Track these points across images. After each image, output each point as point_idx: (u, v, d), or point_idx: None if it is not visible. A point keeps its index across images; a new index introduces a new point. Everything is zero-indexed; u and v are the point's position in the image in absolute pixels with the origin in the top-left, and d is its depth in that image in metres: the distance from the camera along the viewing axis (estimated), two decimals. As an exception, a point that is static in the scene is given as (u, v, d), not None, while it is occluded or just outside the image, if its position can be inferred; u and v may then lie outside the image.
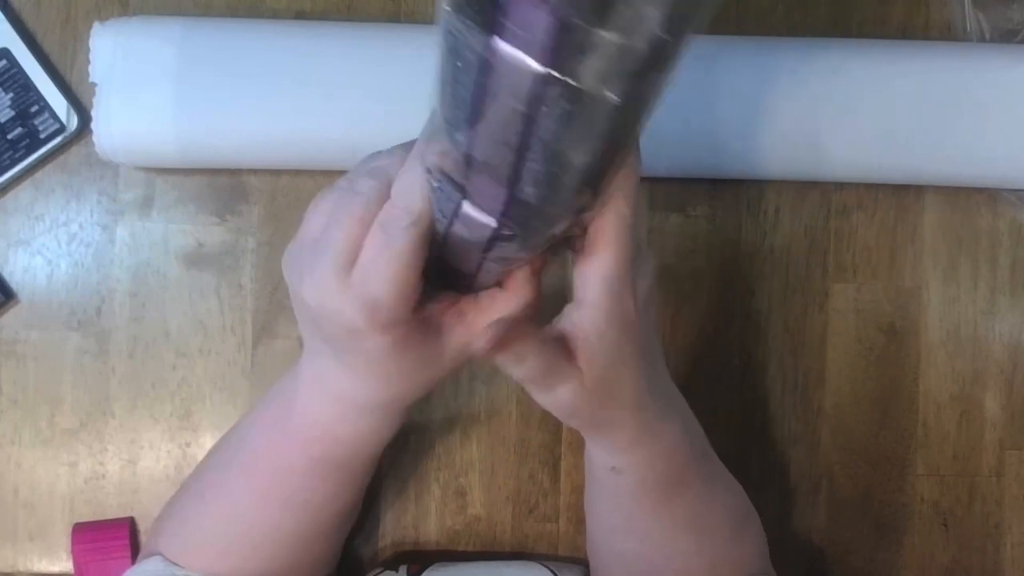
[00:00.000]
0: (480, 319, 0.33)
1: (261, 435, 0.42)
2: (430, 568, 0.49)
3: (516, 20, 0.23)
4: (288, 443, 0.40)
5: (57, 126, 0.51)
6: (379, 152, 0.34)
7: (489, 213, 0.30)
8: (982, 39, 0.54)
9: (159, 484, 0.52)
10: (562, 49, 0.23)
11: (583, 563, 0.53)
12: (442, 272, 0.33)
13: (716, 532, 0.44)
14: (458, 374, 0.53)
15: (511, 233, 0.30)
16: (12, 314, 0.52)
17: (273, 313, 0.53)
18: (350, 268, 0.31)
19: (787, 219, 0.55)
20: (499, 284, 0.34)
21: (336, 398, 0.37)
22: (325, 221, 0.32)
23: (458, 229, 0.31)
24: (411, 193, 0.30)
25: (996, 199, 0.55)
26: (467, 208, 0.30)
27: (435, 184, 0.30)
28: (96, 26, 0.49)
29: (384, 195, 0.31)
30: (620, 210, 0.31)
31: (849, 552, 0.55)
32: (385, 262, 0.30)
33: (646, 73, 0.25)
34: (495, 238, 0.30)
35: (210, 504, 0.43)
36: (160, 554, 0.43)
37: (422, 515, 0.53)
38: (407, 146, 0.33)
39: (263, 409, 0.42)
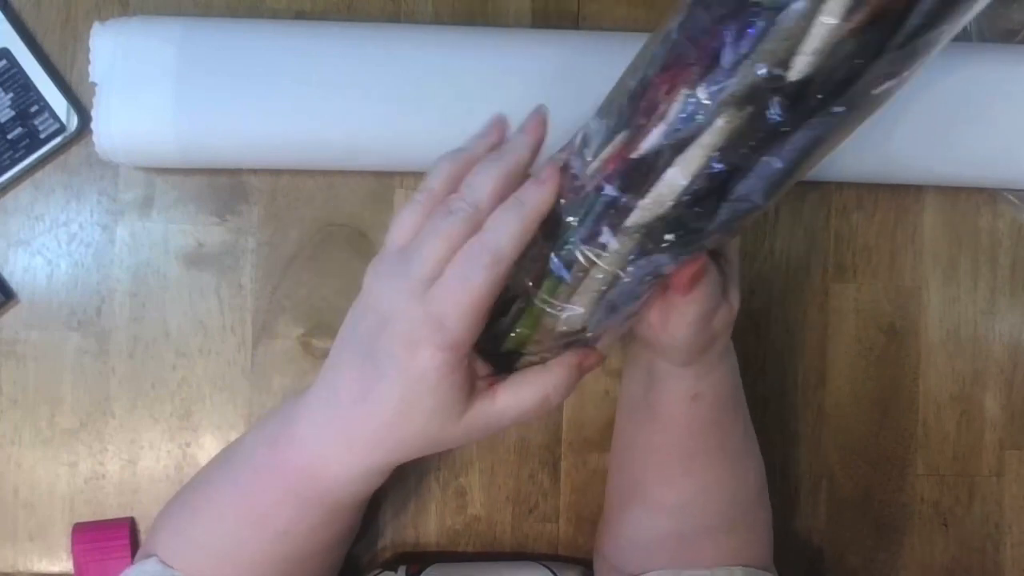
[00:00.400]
0: (505, 399, 0.35)
1: (251, 461, 0.41)
2: (429, 568, 0.49)
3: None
4: (275, 474, 0.39)
5: (57, 126, 0.51)
6: (463, 155, 0.35)
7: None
8: (982, 39, 0.54)
9: (159, 484, 0.52)
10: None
11: (583, 563, 0.53)
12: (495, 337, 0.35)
13: (752, 473, 0.46)
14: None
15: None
16: (12, 314, 0.52)
17: (273, 313, 0.53)
18: (430, 284, 0.32)
19: (787, 219, 0.55)
20: (543, 362, 0.36)
21: (341, 433, 0.36)
22: (414, 232, 0.34)
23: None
24: (503, 236, 0.31)
25: (996, 199, 0.55)
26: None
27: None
28: (96, 26, 0.49)
29: (476, 222, 0.33)
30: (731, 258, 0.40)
31: (849, 552, 0.55)
32: (461, 290, 0.31)
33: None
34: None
35: (201, 517, 0.42)
36: (156, 555, 0.43)
37: (422, 515, 0.53)
38: (499, 164, 0.34)
39: (259, 431, 0.42)
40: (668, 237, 0.31)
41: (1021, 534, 0.55)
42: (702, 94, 0.28)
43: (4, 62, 0.51)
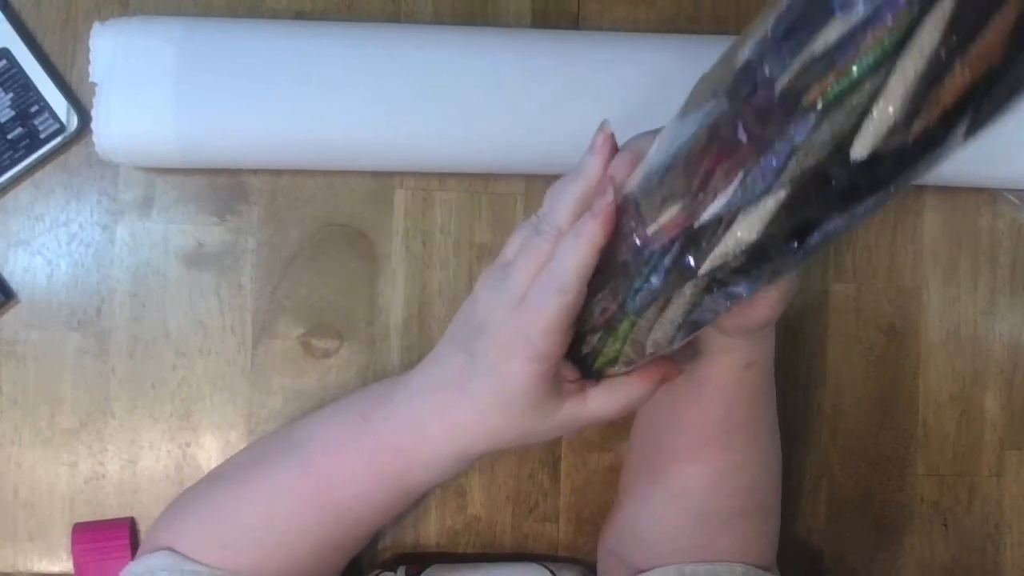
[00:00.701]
0: (594, 404, 0.38)
1: (325, 440, 0.42)
2: (429, 569, 0.50)
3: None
4: (359, 451, 0.41)
5: (57, 126, 0.51)
6: (569, 183, 0.36)
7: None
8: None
9: (159, 484, 0.52)
10: None
11: (583, 564, 0.53)
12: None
13: (776, 459, 0.47)
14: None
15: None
16: (12, 314, 0.52)
17: (273, 313, 0.53)
18: (523, 299, 0.35)
19: (787, 219, 0.55)
20: (628, 372, 0.38)
21: (438, 415, 0.39)
22: (516, 250, 0.37)
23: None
24: (565, 267, 0.34)
25: (996, 199, 0.55)
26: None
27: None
28: (96, 26, 0.49)
29: (557, 243, 0.35)
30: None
31: (849, 552, 0.55)
32: (540, 312, 0.34)
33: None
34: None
35: (246, 499, 0.43)
36: (170, 548, 0.43)
37: (421, 515, 0.53)
38: (572, 187, 0.36)
39: (341, 412, 0.43)
40: (739, 279, 0.32)
41: (1021, 534, 0.55)
42: (759, 174, 0.28)
43: (4, 62, 0.51)
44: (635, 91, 0.49)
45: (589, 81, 0.50)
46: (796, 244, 0.29)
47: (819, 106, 0.25)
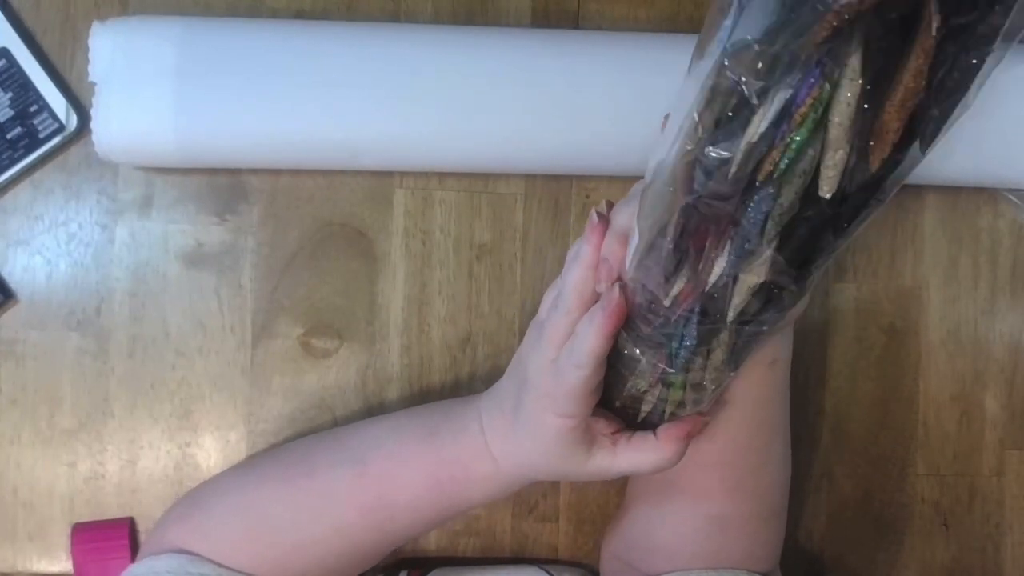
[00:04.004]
0: (624, 459, 0.40)
1: (401, 446, 0.44)
2: (431, 573, 0.50)
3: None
4: (426, 462, 0.43)
5: (56, 126, 0.51)
6: (571, 267, 0.39)
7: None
8: (982, 39, 0.54)
9: (158, 484, 0.52)
10: None
11: (583, 565, 0.53)
12: (615, 389, 0.40)
13: (790, 458, 0.48)
14: (459, 373, 0.53)
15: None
16: (11, 314, 0.52)
17: (273, 313, 0.53)
18: (556, 355, 0.38)
19: (787, 219, 0.55)
20: (655, 430, 0.40)
21: (503, 437, 0.42)
22: (548, 308, 0.40)
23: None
24: (583, 346, 0.36)
25: (996, 199, 0.55)
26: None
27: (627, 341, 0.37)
28: (95, 25, 0.49)
29: (571, 319, 0.38)
30: None
31: (849, 552, 0.55)
32: (565, 380, 0.38)
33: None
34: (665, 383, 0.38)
35: (288, 500, 0.44)
36: (178, 549, 0.43)
37: (422, 515, 0.53)
38: (573, 272, 0.38)
39: (407, 425, 0.45)
40: (766, 309, 0.34)
41: (1021, 534, 0.55)
42: (742, 241, 0.30)
43: (3, 61, 0.51)
44: (635, 91, 0.49)
45: (589, 81, 0.50)
46: (806, 271, 0.31)
47: (774, 177, 0.28)
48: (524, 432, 0.40)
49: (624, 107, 0.49)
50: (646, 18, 0.55)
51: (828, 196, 0.28)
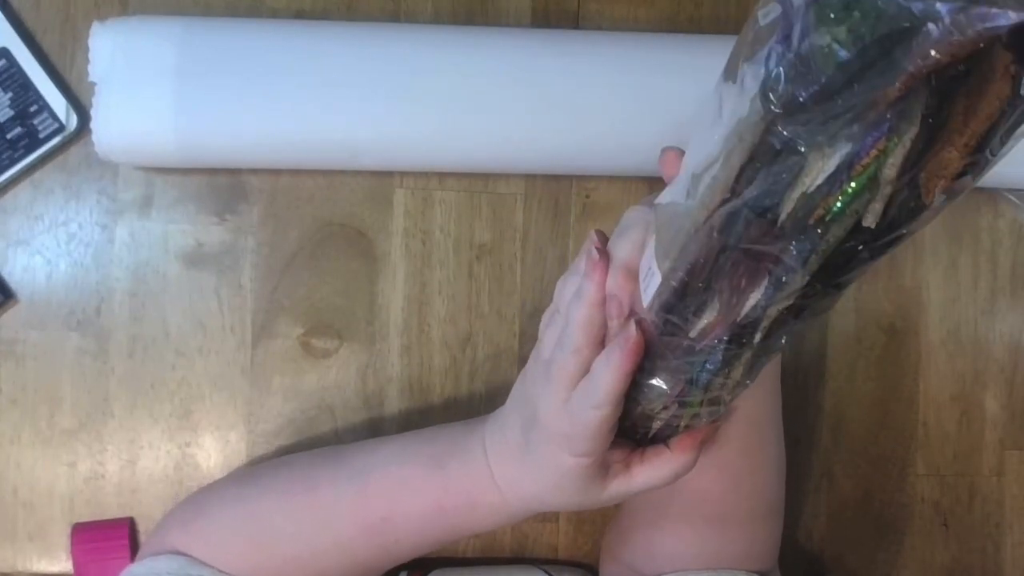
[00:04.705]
0: (640, 479, 0.39)
1: (405, 471, 0.43)
2: (432, 574, 0.50)
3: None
4: (433, 486, 0.42)
5: (56, 126, 0.51)
6: (574, 305, 0.37)
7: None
8: (982, 39, 0.54)
9: (159, 484, 0.52)
10: None
11: (583, 566, 0.53)
12: (628, 413, 0.38)
13: (784, 460, 0.47)
14: (459, 373, 0.53)
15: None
16: (11, 314, 0.52)
17: (272, 313, 0.53)
18: (568, 395, 0.37)
19: (787, 219, 0.55)
20: (667, 441, 0.39)
21: (509, 466, 0.41)
22: (553, 346, 0.38)
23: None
24: (600, 386, 0.35)
25: (996, 199, 0.55)
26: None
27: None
28: (95, 25, 0.49)
29: (582, 356, 0.36)
30: None
31: (849, 552, 0.55)
32: (582, 420, 0.36)
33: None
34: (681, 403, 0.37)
35: (289, 512, 0.44)
36: (178, 551, 0.43)
37: (422, 515, 0.53)
38: (576, 309, 0.37)
39: (411, 450, 0.44)
40: (787, 322, 0.33)
41: (1021, 534, 0.55)
42: (783, 274, 0.29)
43: (3, 61, 0.51)
44: (635, 91, 0.49)
45: (589, 81, 0.50)
46: (837, 289, 0.31)
47: (827, 219, 0.27)
48: (535, 469, 0.39)
49: (624, 107, 0.49)
50: (646, 18, 0.55)
51: (873, 226, 0.27)
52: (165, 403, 0.52)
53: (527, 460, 0.40)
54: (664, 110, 0.49)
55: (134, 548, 0.51)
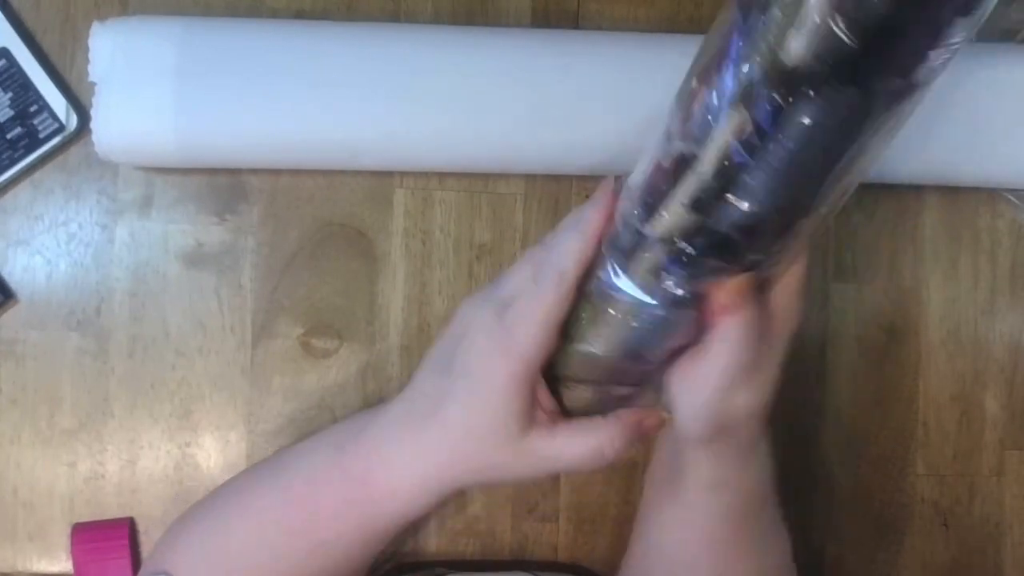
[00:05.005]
0: (562, 440, 0.37)
1: (305, 469, 0.42)
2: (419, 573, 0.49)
3: None
4: (335, 482, 0.40)
5: (56, 126, 0.51)
6: (574, 235, 0.37)
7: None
8: (982, 39, 0.54)
9: (159, 484, 0.52)
10: None
11: (580, 569, 0.53)
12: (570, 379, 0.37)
13: (778, 559, 0.45)
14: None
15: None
16: (11, 314, 0.52)
17: (273, 313, 0.53)
18: (512, 301, 0.36)
19: (787, 219, 0.55)
20: (604, 413, 0.38)
21: (411, 444, 0.38)
22: (520, 280, 0.37)
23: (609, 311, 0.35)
24: (564, 253, 0.35)
25: (996, 199, 0.55)
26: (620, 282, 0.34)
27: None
28: (95, 25, 0.49)
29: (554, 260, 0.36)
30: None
31: (849, 552, 0.55)
32: (532, 305, 0.35)
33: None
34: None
35: (235, 528, 0.42)
36: (166, 573, 0.43)
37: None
38: (576, 232, 0.36)
39: (319, 441, 0.43)
40: (696, 243, 0.32)
41: (1021, 534, 0.55)
42: (713, 96, 0.29)
43: (3, 61, 0.51)
44: (635, 91, 0.49)
45: (589, 81, 0.50)
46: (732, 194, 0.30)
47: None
48: (453, 414, 0.36)
49: (624, 107, 0.49)
50: (646, 18, 0.55)
51: (793, 60, 0.26)
52: (165, 403, 0.52)
53: (442, 410, 0.37)
54: (664, 110, 0.49)
55: (134, 548, 0.51)
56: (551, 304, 0.34)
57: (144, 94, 0.48)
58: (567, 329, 0.36)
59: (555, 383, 0.38)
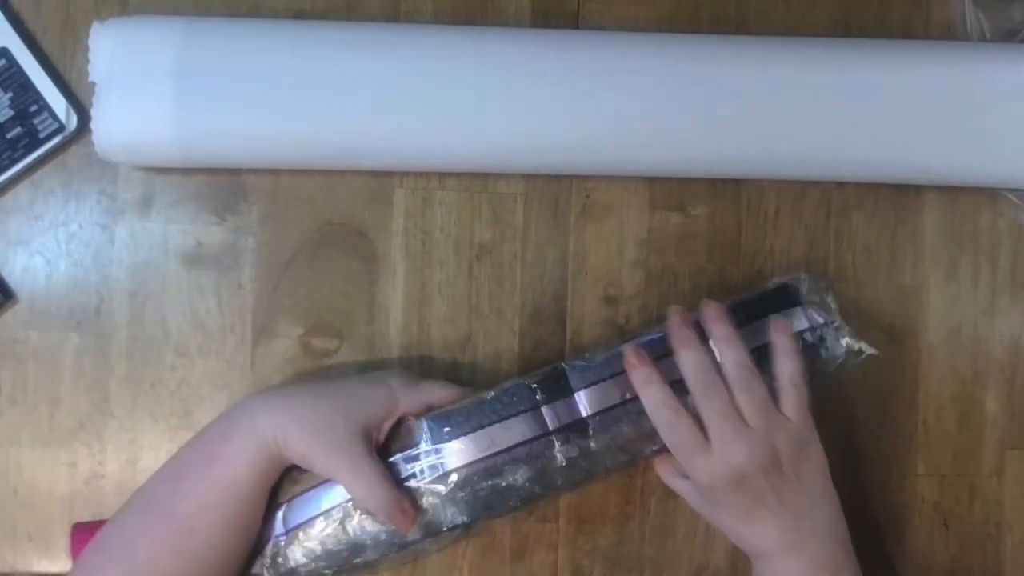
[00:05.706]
0: (367, 476, 0.45)
1: (183, 454, 0.47)
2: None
3: None
4: (201, 459, 0.45)
5: (56, 126, 0.51)
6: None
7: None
8: (982, 39, 0.54)
9: (159, 484, 0.52)
10: None
11: (580, 564, 0.53)
12: None
13: None
14: (459, 373, 0.53)
15: None
16: (11, 314, 0.52)
17: (272, 313, 0.53)
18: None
19: (787, 219, 0.55)
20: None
21: (241, 408, 0.45)
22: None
23: None
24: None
25: (996, 199, 0.55)
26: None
27: None
28: (95, 25, 0.49)
29: None
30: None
31: (849, 552, 0.54)
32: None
33: None
34: None
35: (127, 530, 0.46)
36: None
37: (422, 515, 0.53)
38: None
39: (183, 456, 0.47)
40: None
41: (1021, 534, 0.55)
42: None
43: (3, 61, 0.51)
44: (635, 91, 0.49)
45: (589, 81, 0.50)
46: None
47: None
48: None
49: (624, 107, 0.49)
50: (646, 18, 0.55)
51: None
52: (165, 403, 0.52)
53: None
54: (664, 110, 0.49)
55: (134, 548, 0.51)
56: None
57: (144, 94, 0.48)
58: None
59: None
